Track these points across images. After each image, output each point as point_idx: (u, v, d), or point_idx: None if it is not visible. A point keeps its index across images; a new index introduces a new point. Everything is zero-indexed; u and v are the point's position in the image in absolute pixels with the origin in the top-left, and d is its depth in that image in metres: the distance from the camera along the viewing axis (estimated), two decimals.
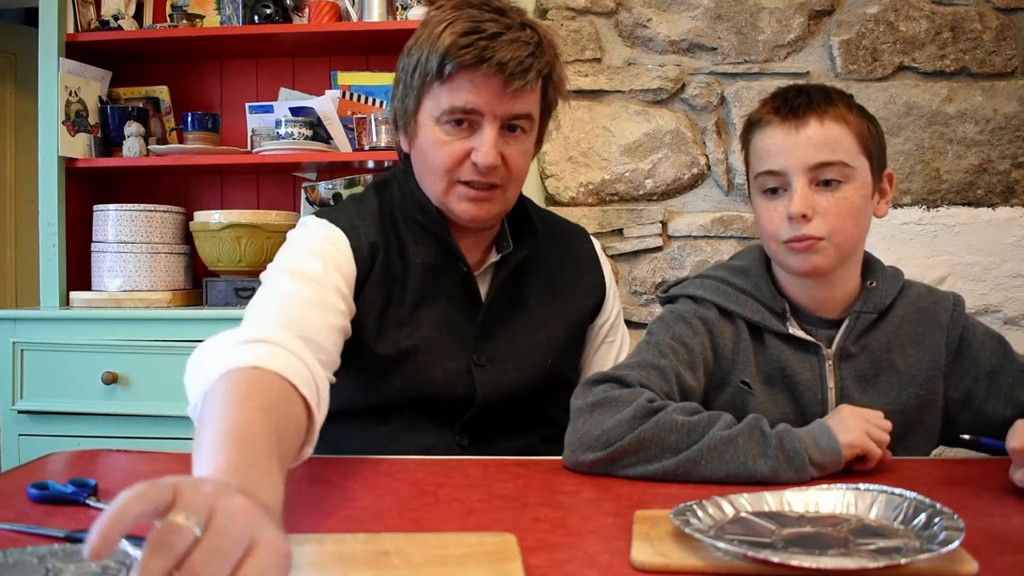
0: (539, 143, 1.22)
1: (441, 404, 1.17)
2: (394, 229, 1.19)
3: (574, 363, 1.32)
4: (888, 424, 1.00)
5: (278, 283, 1.05)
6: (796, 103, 1.10)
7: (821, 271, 1.11)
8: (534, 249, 1.24)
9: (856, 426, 0.98)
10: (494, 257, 1.22)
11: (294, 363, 0.85)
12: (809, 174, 1.08)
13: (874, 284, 1.17)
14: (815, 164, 1.08)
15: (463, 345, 1.18)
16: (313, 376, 0.88)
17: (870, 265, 1.19)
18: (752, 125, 1.16)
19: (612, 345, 1.35)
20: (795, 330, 1.15)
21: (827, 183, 1.08)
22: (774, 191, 1.11)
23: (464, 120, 1.10)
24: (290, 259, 1.09)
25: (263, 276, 1.10)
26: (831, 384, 1.14)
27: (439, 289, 1.18)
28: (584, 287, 1.31)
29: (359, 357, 1.14)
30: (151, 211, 2.38)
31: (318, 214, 1.20)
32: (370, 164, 2.49)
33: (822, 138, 1.08)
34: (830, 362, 1.14)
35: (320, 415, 0.89)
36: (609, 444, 0.97)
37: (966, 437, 1.02)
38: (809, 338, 1.14)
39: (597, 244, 1.38)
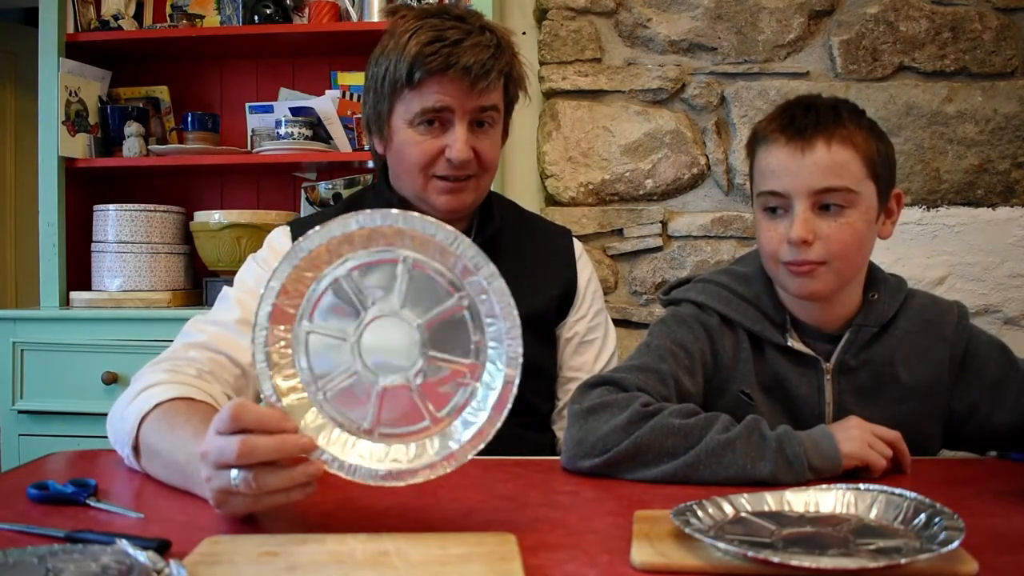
0: (505, 134, 1.31)
1: None
2: None
3: (543, 351, 1.34)
4: (894, 436, 0.99)
5: (189, 332, 1.20)
6: (803, 123, 1.07)
7: (818, 296, 1.10)
8: (500, 239, 1.31)
9: (859, 437, 0.97)
10: None
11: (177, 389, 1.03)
12: (812, 198, 1.06)
13: (876, 296, 1.15)
14: (819, 189, 1.05)
15: None
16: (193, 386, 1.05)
17: (872, 276, 1.17)
18: (758, 139, 1.13)
19: (593, 343, 1.37)
20: (794, 343, 1.14)
21: (830, 207, 1.06)
22: (775, 210, 1.09)
23: (435, 119, 1.19)
24: (216, 307, 1.24)
25: (190, 324, 1.22)
26: (829, 399, 1.13)
27: None
28: (554, 277, 1.35)
29: None
30: (151, 211, 2.38)
31: (288, 221, 1.34)
32: (370, 164, 2.48)
33: (828, 163, 1.05)
34: (828, 376, 1.13)
35: (218, 394, 1.08)
36: (606, 450, 0.97)
37: (994, 454, 1.02)
38: (808, 351, 1.13)
39: (580, 245, 1.41)
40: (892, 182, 1.13)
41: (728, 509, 0.79)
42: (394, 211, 0.78)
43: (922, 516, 0.74)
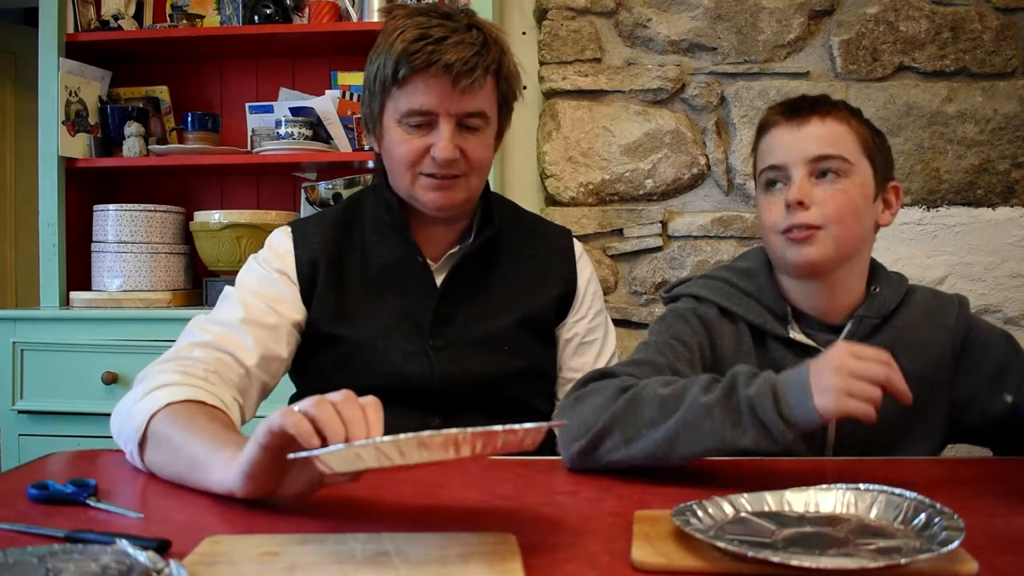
0: (500, 134, 1.31)
1: (404, 387, 1.23)
2: (356, 233, 1.30)
3: (543, 351, 1.34)
4: (880, 363, 0.90)
5: (193, 331, 1.19)
6: (800, 105, 1.14)
7: (817, 265, 1.10)
8: (500, 240, 1.32)
9: (835, 386, 0.87)
10: (453, 249, 1.30)
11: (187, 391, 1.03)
12: (809, 166, 1.10)
13: (877, 289, 1.16)
14: (815, 156, 1.10)
15: (421, 332, 1.26)
16: (205, 389, 1.05)
17: (874, 271, 1.19)
18: (761, 129, 1.18)
19: (593, 344, 1.37)
20: (796, 334, 1.14)
21: (827, 174, 1.10)
22: (775, 184, 1.13)
23: (422, 120, 1.20)
24: (219, 307, 1.24)
25: (191, 324, 1.21)
26: None
27: (401, 283, 1.28)
28: (553, 278, 1.35)
29: (324, 350, 1.24)
30: (151, 211, 2.38)
31: (289, 223, 1.34)
32: (370, 164, 2.49)
33: (823, 133, 1.10)
34: None
35: (227, 397, 1.09)
36: (588, 430, 0.96)
37: (1009, 398, 1.02)
38: (810, 343, 1.14)
39: (580, 246, 1.42)
40: (889, 174, 1.16)
41: (728, 509, 0.79)
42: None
43: (922, 516, 0.74)
